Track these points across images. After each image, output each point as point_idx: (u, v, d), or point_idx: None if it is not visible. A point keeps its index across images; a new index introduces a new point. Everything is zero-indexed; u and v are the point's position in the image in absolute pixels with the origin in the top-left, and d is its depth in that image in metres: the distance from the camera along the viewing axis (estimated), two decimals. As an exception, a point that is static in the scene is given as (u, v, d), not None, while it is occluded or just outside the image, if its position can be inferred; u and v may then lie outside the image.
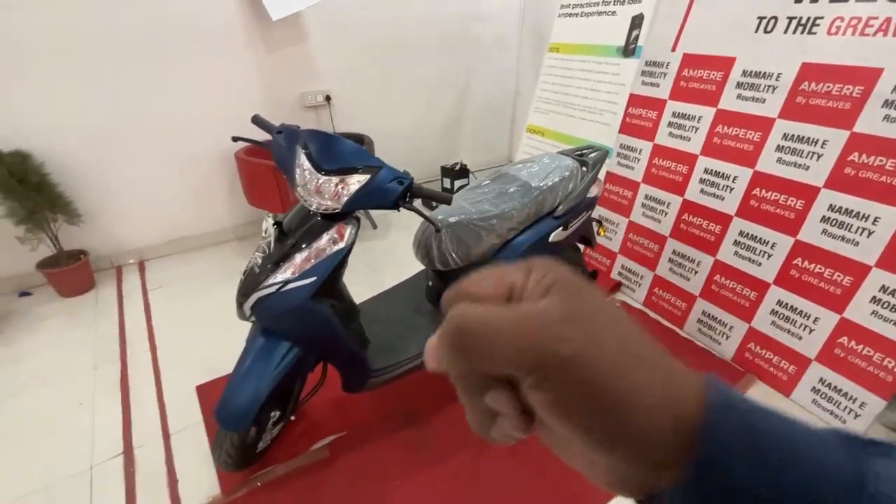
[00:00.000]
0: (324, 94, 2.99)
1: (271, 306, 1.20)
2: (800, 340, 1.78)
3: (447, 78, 3.59)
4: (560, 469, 1.49)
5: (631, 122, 2.33)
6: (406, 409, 1.74)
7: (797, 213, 1.73)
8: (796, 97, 1.69)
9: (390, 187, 1.19)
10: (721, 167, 1.95)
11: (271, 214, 1.28)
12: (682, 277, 2.19)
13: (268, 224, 1.25)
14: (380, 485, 1.46)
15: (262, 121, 1.35)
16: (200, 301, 2.38)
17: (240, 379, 1.27)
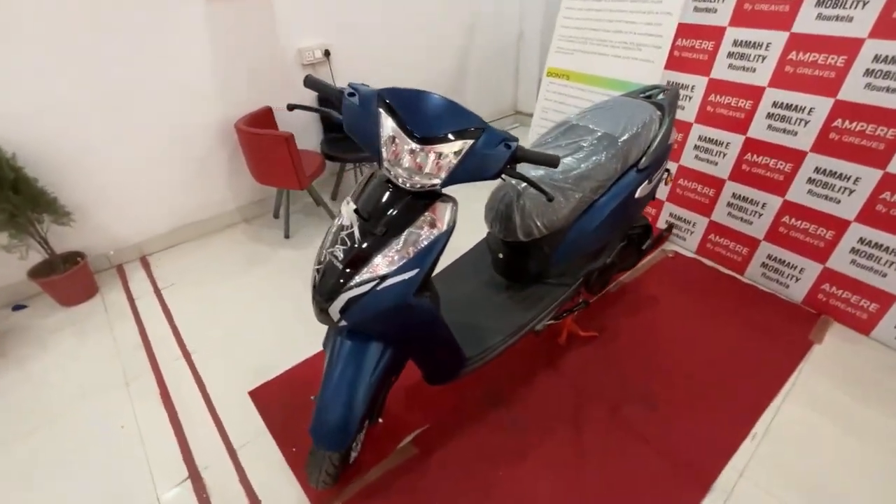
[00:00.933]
0: (322, 48, 2.64)
1: (368, 307, 1.01)
2: (884, 278, 1.71)
3: (449, 26, 3.24)
4: (662, 435, 1.42)
5: (681, 56, 2.12)
6: (487, 390, 1.61)
7: (887, 144, 1.60)
8: (892, 12, 1.51)
9: (498, 153, 0.98)
10: (794, 99, 1.79)
11: (349, 199, 1.06)
12: (743, 222, 2.08)
13: (348, 210, 1.04)
14: (479, 476, 1.36)
15: (318, 82, 1.09)
16: (222, 294, 2.15)
17: (333, 392, 1.10)
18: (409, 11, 2.95)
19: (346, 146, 2.68)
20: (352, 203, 1.04)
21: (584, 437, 1.45)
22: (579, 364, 1.71)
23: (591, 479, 1.34)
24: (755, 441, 1.43)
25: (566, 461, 1.39)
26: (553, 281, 1.53)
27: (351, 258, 1.01)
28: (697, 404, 1.54)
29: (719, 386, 1.60)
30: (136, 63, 2.09)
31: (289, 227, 2.58)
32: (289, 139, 2.15)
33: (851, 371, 1.66)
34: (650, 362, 1.70)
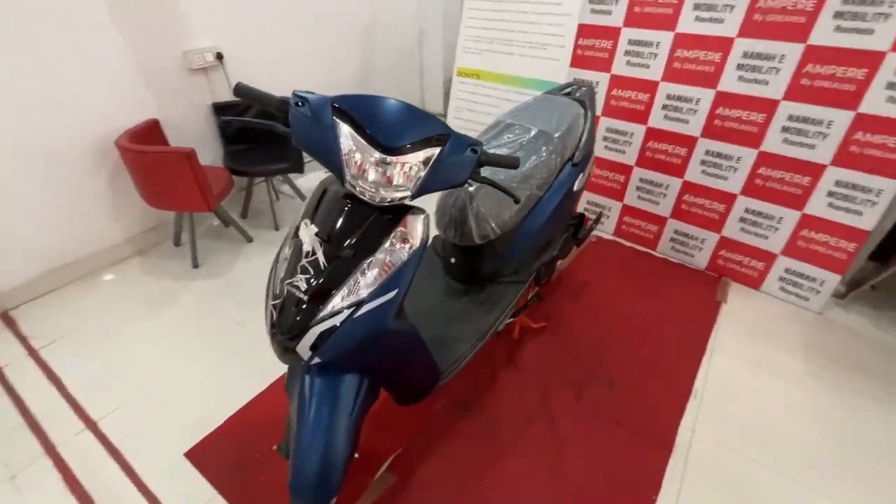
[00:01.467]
0: (214, 51, 2.35)
1: (344, 338, 0.90)
2: (766, 240, 2.02)
3: (348, 26, 3.11)
4: (623, 410, 1.52)
5: (583, 54, 2.28)
6: (453, 400, 1.58)
7: (760, 125, 1.89)
8: (755, 14, 1.78)
9: (465, 158, 0.94)
10: (684, 91, 2.03)
11: (307, 221, 0.94)
12: (651, 203, 2.31)
13: (308, 233, 0.92)
14: (466, 489, 1.32)
15: (251, 90, 0.95)
16: (123, 344, 1.82)
17: (310, 438, 0.97)
18: (306, 10, 2.76)
19: (254, 158, 2.43)
20: (311, 225, 0.92)
21: (556, 426, 1.49)
22: (536, 356, 1.75)
23: (573, 463, 1.38)
24: (697, 399, 1.59)
25: (545, 453, 1.42)
26: (508, 279, 1.54)
27: (318, 287, 0.90)
28: (644, 375, 1.67)
29: (657, 355, 1.76)
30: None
31: (196, 254, 2.27)
32: (190, 155, 1.88)
33: (754, 321, 1.93)
34: (598, 342, 1.81)
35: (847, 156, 1.73)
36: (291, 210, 2.76)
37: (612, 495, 1.31)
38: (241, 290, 2.12)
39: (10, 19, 1.70)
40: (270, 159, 2.41)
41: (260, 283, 2.11)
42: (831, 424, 1.51)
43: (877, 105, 1.63)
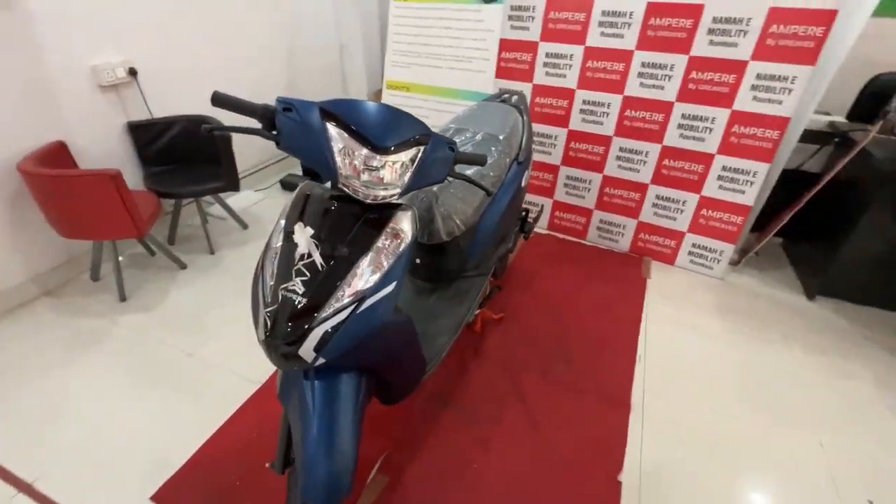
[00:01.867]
0: (126, 66, 2.17)
1: (349, 334, 0.92)
2: (675, 221, 2.36)
3: (269, 40, 3.05)
4: (585, 381, 1.69)
5: (507, 66, 2.48)
6: (429, 395, 1.63)
7: (661, 124, 2.21)
8: (647, 30, 2.09)
9: (445, 155, 1.02)
10: (596, 97, 2.31)
11: (301, 224, 0.95)
12: (577, 197, 2.57)
13: (304, 235, 0.93)
14: (457, 478, 1.38)
15: (230, 98, 0.94)
16: (42, 395, 1.60)
17: (318, 442, 0.97)
18: (224, 25, 2.67)
19: (180, 179, 2.28)
20: (307, 228, 0.93)
21: (529, 404, 1.61)
22: (500, 345, 1.86)
23: (549, 434, 1.50)
24: (642, 363, 1.81)
25: (524, 431, 1.52)
26: (472, 273, 1.64)
27: (317, 288, 0.91)
28: (595, 348, 1.86)
29: (603, 330, 1.97)
30: None
31: (123, 286, 2.06)
32: (116, 177, 1.73)
33: (674, 292, 2.23)
34: (552, 326, 1.97)
35: (729, 146, 2.10)
36: (223, 232, 2.61)
37: (588, 455, 1.44)
38: (182, 320, 1.97)
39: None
40: (200, 179, 2.27)
41: (204, 309, 2.00)
42: (747, 366, 1.81)
43: (746, 103, 2.01)
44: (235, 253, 2.44)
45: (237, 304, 2.05)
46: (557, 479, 1.37)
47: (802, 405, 1.65)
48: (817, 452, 1.48)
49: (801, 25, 1.82)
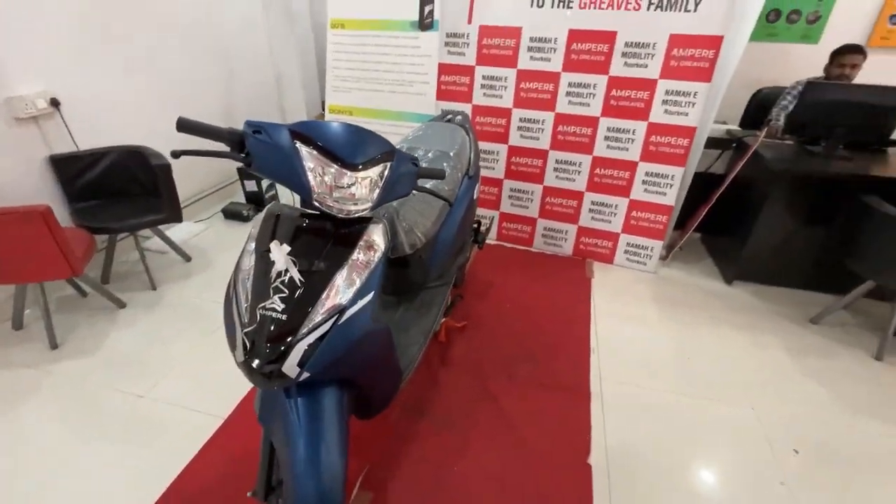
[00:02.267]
0: (47, 97, 2.04)
1: (332, 346, 0.94)
2: (610, 224, 2.58)
3: (204, 69, 2.98)
4: (549, 377, 1.80)
5: (447, 89, 2.62)
6: (403, 407, 1.65)
7: (589, 137, 2.44)
8: (571, 54, 2.32)
9: (410, 170, 1.09)
10: (531, 115, 2.50)
11: (277, 242, 0.96)
12: (522, 208, 2.73)
13: (281, 252, 0.95)
14: (441, 485, 1.41)
15: (196, 123, 0.95)
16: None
17: (307, 460, 0.97)
18: (154, 50, 2.58)
19: (113, 213, 2.14)
20: (283, 245, 0.95)
21: (500, 407, 1.68)
22: (466, 351, 1.93)
23: (522, 429, 1.58)
24: (596, 353, 1.95)
25: (498, 431, 1.58)
26: (434, 284, 1.70)
27: (296, 303, 0.93)
28: (554, 345, 1.98)
29: (559, 327, 2.10)
30: None
31: (53, 332, 1.89)
32: (46, 213, 1.61)
33: (615, 288, 2.44)
34: (512, 329, 2.08)
35: (649, 153, 2.36)
36: (163, 267, 2.47)
37: (558, 445, 1.53)
38: (127, 361, 1.84)
39: None
40: (136, 212, 2.16)
41: (151, 347, 1.90)
42: (685, 347, 2.01)
43: (659, 116, 2.28)
44: (179, 287, 2.32)
45: (187, 339, 1.95)
46: (533, 471, 1.45)
47: (733, 375, 1.87)
48: (749, 415, 1.68)
49: (696, 49, 2.12)
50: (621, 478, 1.44)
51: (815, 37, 3.23)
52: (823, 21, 3.19)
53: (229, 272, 1.94)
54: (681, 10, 2.10)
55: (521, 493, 1.38)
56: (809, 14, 3.19)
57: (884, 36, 3.13)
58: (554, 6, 2.28)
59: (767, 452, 1.54)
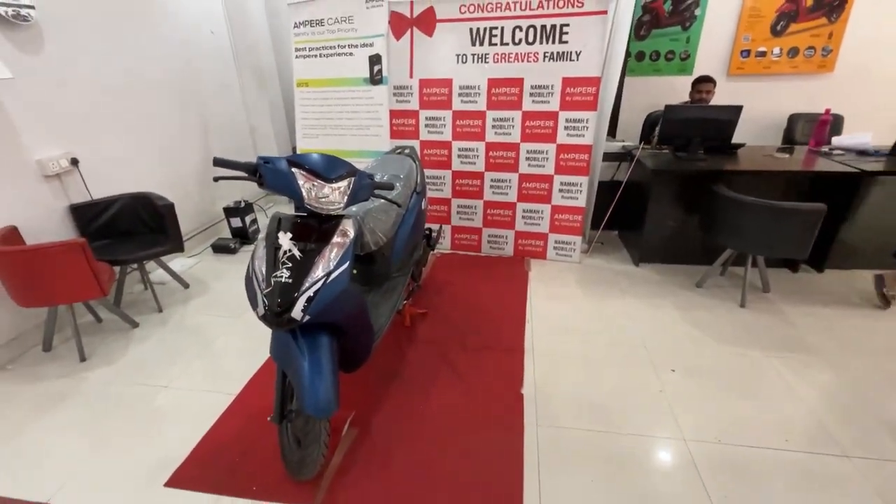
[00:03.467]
0: (68, 157, 2.49)
1: (324, 296, 1.42)
2: (539, 226, 3.18)
3: (189, 127, 3.49)
4: (493, 342, 2.30)
5: (398, 129, 3.23)
6: (379, 374, 2.11)
7: (514, 159, 3.07)
8: (492, 97, 2.98)
9: (367, 183, 1.63)
10: (467, 145, 3.12)
11: (282, 233, 1.46)
12: (469, 220, 3.31)
13: (286, 238, 1.45)
14: (411, 418, 1.86)
15: (227, 161, 1.46)
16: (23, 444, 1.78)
17: (312, 371, 1.42)
18: (148, 117, 3.08)
19: (124, 248, 2.56)
20: (287, 233, 1.45)
21: (456, 366, 2.16)
22: (426, 331, 2.42)
23: (471, 379, 2.06)
24: (530, 322, 2.48)
25: (454, 382, 2.06)
26: (396, 274, 2.20)
27: (298, 270, 1.42)
28: (498, 321, 2.50)
29: (502, 309, 2.62)
30: None
31: (82, 346, 2.26)
32: (84, 245, 2.04)
33: (548, 277, 3.00)
34: (463, 313, 2.58)
35: (561, 167, 3.00)
36: (166, 294, 2.87)
37: (500, 383, 2.02)
38: (149, 364, 2.22)
39: None
40: (144, 246, 2.58)
41: (168, 355, 2.30)
42: (600, 312, 2.57)
43: (564, 138, 2.93)
44: (182, 308, 2.72)
45: (195, 346, 2.36)
46: (482, 402, 1.93)
47: (633, 327, 2.42)
48: (642, 351, 2.23)
49: (582, 87, 2.81)
50: (544, 400, 1.94)
51: (689, 70, 4.06)
52: (693, 58, 4.04)
53: (224, 297, 2.58)
54: (567, 60, 2.79)
55: (473, 415, 1.86)
56: (682, 53, 4.04)
57: (738, 66, 3.99)
58: (475, 62, 2.95)
59: (651, 372, 2.08)
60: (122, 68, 2.84)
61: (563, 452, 1.68)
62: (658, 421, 1.82)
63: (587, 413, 1.86)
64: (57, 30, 2.42)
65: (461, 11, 2.87)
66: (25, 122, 2.30)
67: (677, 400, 1.92)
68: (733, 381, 2.03)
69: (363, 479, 1.60)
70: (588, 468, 1.62)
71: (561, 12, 2.71)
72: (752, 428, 1.77)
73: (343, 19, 3.15)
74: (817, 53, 3.88)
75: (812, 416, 1.82)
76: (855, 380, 2.00)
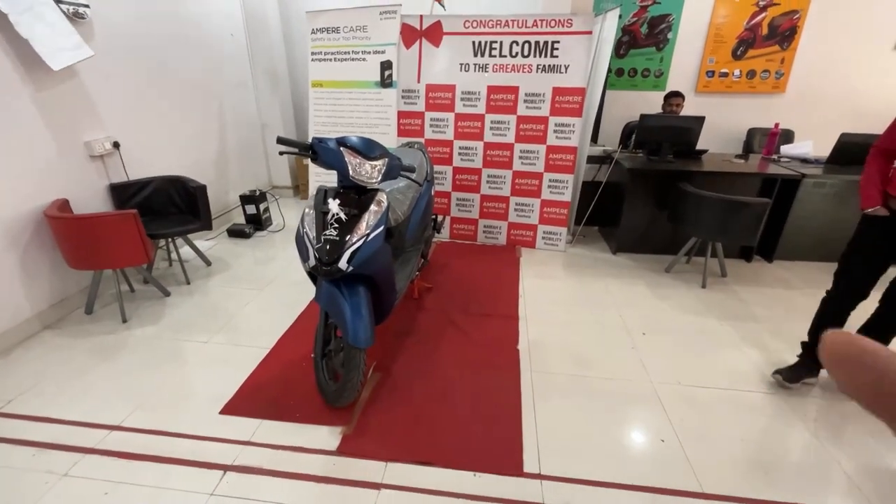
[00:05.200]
0: (111, 140, 2.75)
1: (365, 251, 1.74)
2: (529, 218, 3.57)
3: (210, 118, 3.77)
4: (491, 311, 2.65)
5: (405, 128, 3.58)
6: (396, 332, 2.43)
7: (509, 157, 3.46)
8: (490, 102, 3.37)
9: (396, 164, 1.98)
10: (467, 144, 3.50)
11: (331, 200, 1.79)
12: (466, 212, 3.67)
13: (334, 204, 1.78)
14: (426, 362, 2.19)
15: (289, 140, 1.79)
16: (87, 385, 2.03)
17: (353, 314, 1.74)
18: (178, 108, 3.36)
19: (158, 225, 2.82)
20: (335, 200, 1.78)
21: (460, 326, 2.50)
22: (433, 302, 2.76)
23: (474, 336, 2.40)
24: (523, 297, 2.84)
25: (459, 339, 2.40)
26: (410, 249, 2.54)
27: (344, 230, 1.75)
28: (496, 296, 2.86)
29: (497, 286, 2.99)
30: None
31: (124, 308, 2.52)
32: (136, 216, 2.32)
33: (537, 262, 3.38)
34: (464, 288, 2.93)
35: (550, 166, 3.40)
36: (190, 270, 3.12)
37: (499, 342, 2.37)
38: (186, 325, 2.49)
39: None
40: (177, 223, 2.85)
41: (201, 318, 2.59)
42: (581, 291, 2.95)
43: (553, 140, 3.34)
44: (209, 282, 2.99)
45: (225, 311, 2.64)
46: (483, 354, 2.27)
47: (611, 301, 2.81)
48: (617, 319, 2.62)
49: (570, 96, 3.23)
50: (537, 354, 2.29)
51: (662, 85, 4.55)
52: (666, 75, 4.54)
53: (246, 273, 2.94)
54: (557, 72, 3.21)
55: (477, 362, 2.20)
56: (656, 71, 4.53)
57: (704, 84, 4.50)
58: (476, 71, 3.34)
59: (625, 335, 2.47)
60: (156, 64, 3.12)
61: (552, 389, 2.04)
62: (630, 368, 2.20)
63: (572, 363, 2.23)
64: (106, 27, 2.70)
65: (465, 26, 3.27)
66: (79, 108, 2.57)
67: (646, 354, 2.31)
68: (692, 341, 2.43)
69: (390, 407, 1.92)
70: (573, 400, 1.98)
71: (552, 31, 3.14)
72: (705, 374, 2.16)
73: (358, 28, 3.51)
74: (772, 76, 4.42)
75: (753, 365, 2.23)
76: (790, 340, 2.43)
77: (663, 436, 1.81)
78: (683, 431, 1.83)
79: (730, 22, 4.27)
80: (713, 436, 1.81)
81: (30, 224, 2.32)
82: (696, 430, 1.83)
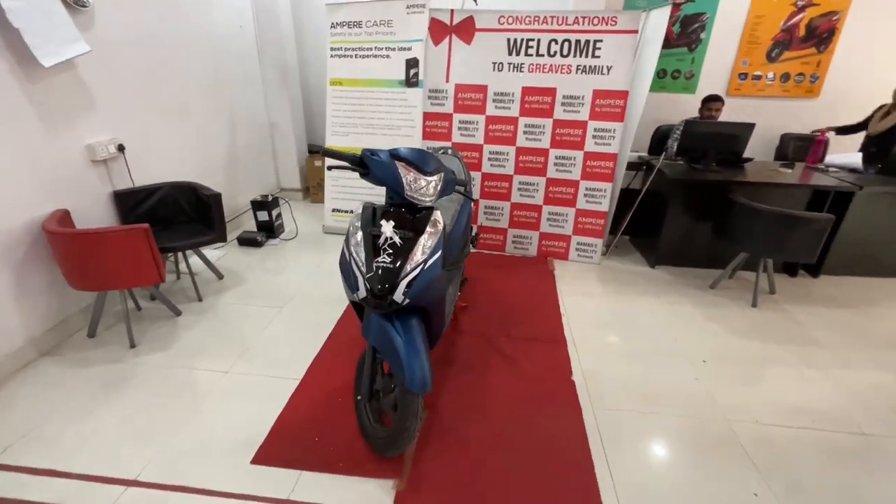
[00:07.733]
0: (115, 143, 2.48)
1: (422, 280, 1.51)
2: (563, 228, 3.36)
3: (217, 116, 3.49)
4: (534, 334, 2.45)
5: (431, 131, 3.34)
6: (439, 361, 2.21)
7: (543, 164, 3.24)
8: (525, 104, 3.14)
9: (451, 179, 1.75)
10: (498, 148, 3.27)
11: (384, 221, 1.55)
12: (495, 220, 3.45)
13: (388, 227, 1.54)
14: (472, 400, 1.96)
15: (329, 150, 1.55)
16: (96, 423, 1.79)
17: (409, 352, 1.51)
18: (184, 111, 3.08)
19: (166, 236, 2.55)
20: (389, 222, 1.55)
21: (505, 353, 2.28)
22: (471, 323, 2.53)
23: (524, 367, 2.19)
24: (566, 317, 2.63)
25: (506, 369, 2.18)
26: (451, 268, 2.31)
27: (400, 257, 1.52)
28: (535, 314, 2.64)
29: (535, 304, 2.77)
30: None
31: (132, 332, 2.25)
32: (147, 230, 2.06)
33: (572, 276, 3.17)
34: (503, 308, 2.71)
35: (587, 174, 3.19)
36: (200, 284, 2.86)
37: (550, 371, 2.16)
38: (202, 351, 2.24)
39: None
40: (186, 235, 2.58)
41: (219, 341, 2.34)
42: (622, 310, 2.75)
43: (591, 146, 3.13)
44: (222, 299, 2.73)
45: (244, 333, 2.39)
46: (536, 388, 2.06)
47: (655, 323, 2.61)
48: (673, 343, 2.42)
49: (611, 99, 3.01)
50: (595, 387, 2.09)
51: (693, 88, 4.36)
52: (697, 77, 4.34)
53: (261, 288, 2.64)
54: (598, 74, 2.99)
55: (530, 397, 1.98)
56: (686, 72, 4.33)
57: (736, 87, 4.32)
58: (510, 70, 3.11)
59: (685, 363, 2.27)
60: (161, 57, 2.84)
61: (621, 429, 1.83)
62: (701, 403, 2.00)
63: (636, 397, 2.02)
64: (108, 17, 2.42)
65: (499, 22, 3.03)
66: (78, 106, 2.29)
67: (713, 386, 2.11)
68: (756, 370, 2.24)
69: (443, 453, 1.70)
70: (647, 443, 1.78)
71: (595, 29, 2.91)
72: (780, 410, 1.97)
73: (382, 23, 3.25)
74: (806, 79, 4.25)
75: (829, 399, 2.05)
76: (860, 368, 2.25)
77: (754, 488, 1.61)
78: (774, 482, 1.63)
79: (766, 22, 4.08)
80: (810, 487, 1.62)
81: (25, 237, 2.05)
82: (788, 481, 1.64)
